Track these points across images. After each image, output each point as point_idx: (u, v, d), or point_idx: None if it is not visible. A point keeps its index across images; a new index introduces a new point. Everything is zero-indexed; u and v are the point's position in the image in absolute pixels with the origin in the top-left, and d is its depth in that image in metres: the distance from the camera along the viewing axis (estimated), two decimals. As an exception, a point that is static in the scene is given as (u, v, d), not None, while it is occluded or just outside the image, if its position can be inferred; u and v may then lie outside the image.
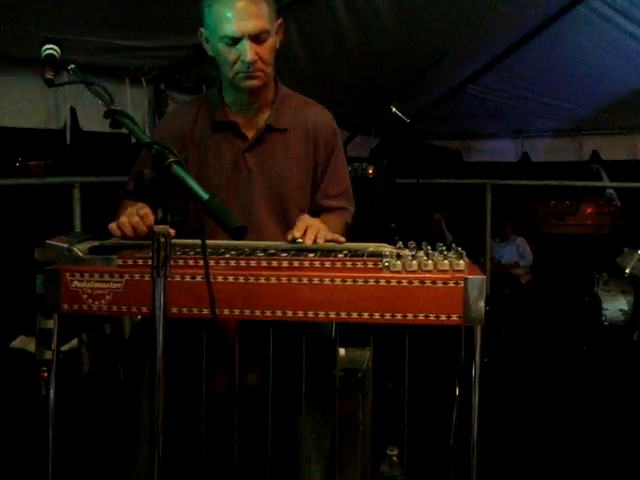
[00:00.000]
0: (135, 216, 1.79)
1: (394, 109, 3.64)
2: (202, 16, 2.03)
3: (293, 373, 1.82)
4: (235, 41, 1.96)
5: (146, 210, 1.79)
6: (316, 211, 2.22)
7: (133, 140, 1.60)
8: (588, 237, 9.40)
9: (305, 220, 1.95)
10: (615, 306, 4.83)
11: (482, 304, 1.62)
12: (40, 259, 1.80)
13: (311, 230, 1.89)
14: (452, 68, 4.97)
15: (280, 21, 2.08)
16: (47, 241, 1.80)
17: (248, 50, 1.96)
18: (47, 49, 1.63)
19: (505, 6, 4.11)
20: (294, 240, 1.88)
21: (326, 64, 4.40)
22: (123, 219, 1.80)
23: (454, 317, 1.62)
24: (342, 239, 1.94)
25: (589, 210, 9.99)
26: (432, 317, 1.63)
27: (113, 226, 1.81)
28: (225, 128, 2.16)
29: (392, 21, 3.97)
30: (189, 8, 2.93)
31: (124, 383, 1.99)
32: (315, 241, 1.87)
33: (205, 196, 1.32)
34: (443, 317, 1.63)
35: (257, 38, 1.97)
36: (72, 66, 1.64)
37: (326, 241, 1.89)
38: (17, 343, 3.28)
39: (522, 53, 4.99)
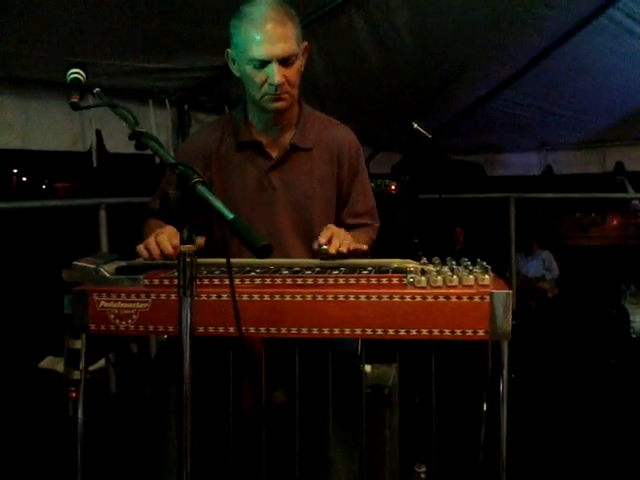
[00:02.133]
0: (162, 238, 1.81)
1: (416, 125, 3.64)
2: (230, 37, 2.03)
3: (320, 390, 1.81)
4: (263, 64, 1.97)
5: (173, 231, 1.81)
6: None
7: (157, 161, 1.62)
8: (614, 249, 9.30)
9: (330, 228, 1.96)
10: (643, 318, 4.77)
11: (508, 319, 1.61)
12: (68, 280, 1.82)
13: (336, 239, 1.89)
14: (473, 83, 4.96)
15: (306, 44, 2.09)
16: (74, 262, 1.82)
17: (276, 73, 1.97)
18: (72, 73, 1.65)
19: (526, 20, 4.10)
20: (320, 247, 1.88)
21: (348, 82, 4.42)
22: (151, 241, 1.81)
23: (480, 332, 1.61)
24: (365, 247, 1.94)
25: (615, 222, 9.90)
26: (458, 332, 1.62)
27: (140, 247, 1.83)
28: (250, 147, 2.17)
29: (412, 38, 3.98)
30: (211, 29, 2.97)
31: (151, 402, 1.99)
32: (339, 249, 1.87)
33: (230, 216, 1.32)
34: (469, 332, 1.62)
35: (285, 61, 1.98)
36: (97, 90, 1.67)
37: (350, 250, 1.89)
38: (45, 363, 3.30)
39: (543, 66, 4.97)
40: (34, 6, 2.51)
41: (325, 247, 1.88)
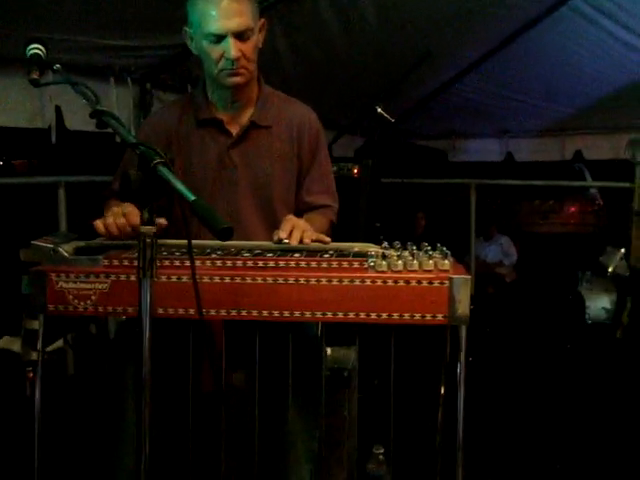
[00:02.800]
0: (121, 216, 1.80)
1: (379, 109, 3.65)
2: (186, 15, 2.05)
3: (280, 373, 1.82)
4: (219, 39, 1.99)
5: (132, 210, 1.79)
6: (300, 208, 2.23)
7: (119, 139, 1.60)
8: (572, 236, 9.43)
9: (291, 220, 1.96)
10: (598, 304, 4.85)
11: (467, 303, 1.63)
12: (25, 260, 1.79)
13: (297, 231, 1.90)
14: (437, 68, 4.98)
15: (263, 20, 2.10)
16: (32, 242, 1.79)
17: (232, 47, 1.98)
18: (32, 49, 1.63)
19: (489, 7, 4.13)
20: (280, 241, 1.88)
21: (311, 64, 4.40)
22: (109, 219, 1.80)
23: (439, 317, 1.64)
24: (327, 239, 1.95)
25: (573, 209, 10.03)
26: (417, 317, 1.64)
27: (98, 223, 1.81)
28: (210, 125, 2.17)
29: (377, 21, 3.98)
30: (174, 7, 2.93)
31: (109, 383, 1.98)
32: (301, 242, 1.88)
33: (191, 197, 1.32)
34: (428, 317, 1.64)
35: (240, 35, 1.99)
36: (57, 66, 1.64)
37: (312, 241, 1.90)
38: (2, 343, 3.25)
39: (506, 54, 5.00)
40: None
41: (286, 241, 1.88)
